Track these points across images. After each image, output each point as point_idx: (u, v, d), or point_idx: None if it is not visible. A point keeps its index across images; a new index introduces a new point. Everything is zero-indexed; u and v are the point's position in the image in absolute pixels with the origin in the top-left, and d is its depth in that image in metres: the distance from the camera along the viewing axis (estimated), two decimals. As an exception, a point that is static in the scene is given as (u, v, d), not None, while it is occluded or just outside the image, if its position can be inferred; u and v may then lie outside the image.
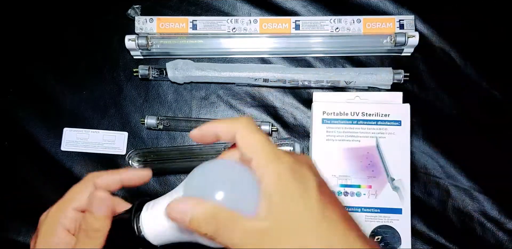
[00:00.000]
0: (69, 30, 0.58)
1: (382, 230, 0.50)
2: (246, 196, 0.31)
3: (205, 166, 0.34)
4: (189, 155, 0.54)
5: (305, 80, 0.55)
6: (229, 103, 0.57)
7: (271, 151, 0.29)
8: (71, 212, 0.35)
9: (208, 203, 0.29)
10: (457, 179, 0.54)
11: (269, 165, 0.28)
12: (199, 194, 0.31)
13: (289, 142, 0.51)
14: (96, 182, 0.36)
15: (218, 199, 0.30)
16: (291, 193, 0.28)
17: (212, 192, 0.30)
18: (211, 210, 0.29)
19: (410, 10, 0.57)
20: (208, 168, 0.34)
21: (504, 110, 0.55)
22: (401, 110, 0.52)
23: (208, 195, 0.30)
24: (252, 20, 0.56)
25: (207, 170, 0.33)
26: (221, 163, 0.35)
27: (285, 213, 0.28)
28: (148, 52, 0.57)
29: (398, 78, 0.54)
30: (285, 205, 0.28)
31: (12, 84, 0.58)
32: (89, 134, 0.56)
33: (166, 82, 0.57)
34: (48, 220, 0.35)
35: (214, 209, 0.29)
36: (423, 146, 0.55)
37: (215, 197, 0.30)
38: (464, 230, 0.53)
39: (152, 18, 0.56)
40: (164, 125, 0.55)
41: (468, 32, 0.57)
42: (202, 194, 0.31)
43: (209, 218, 0.28)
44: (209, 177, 0.33)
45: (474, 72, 0.56)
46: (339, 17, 0.56)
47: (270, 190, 0.28)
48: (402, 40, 0.54)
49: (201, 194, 0.31)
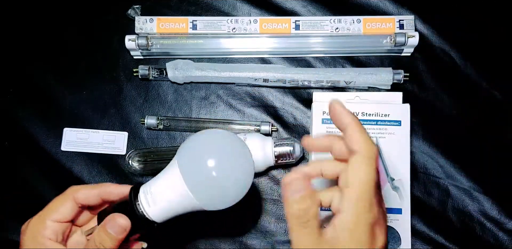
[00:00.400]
0: (69, 30, 0.58)
1: (382, 230, 0.50)
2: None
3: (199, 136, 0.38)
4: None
5: (305, 80, 0.55)
6: (229, 103, 0.57)
7: (370, 192, 0.30)
8: (51, 223, 0.37)
9: (317, 203, 0.32)
10: (457, 179, 0.54)
11: (357, 206, 0.30)
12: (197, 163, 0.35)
13: (289, 142, 0.51)
14: (75, 196, 0.38)
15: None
16: (360, 239, 0.30)
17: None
18: (315, 207, 0.32)
19: (410, 10, 0.57)
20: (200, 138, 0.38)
21: (504, 110, 0.55)
22: (401, 110, 0.52)
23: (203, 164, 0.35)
24: (252, 20, 0.56)
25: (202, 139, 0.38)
26: (213, 132, 0.39)
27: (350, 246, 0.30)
28: (148, 52, 0.57)
29: (398, 78, 0.54)
30: (351, 242, 0.30)
31: (12, 84, 0.58)
32: (89, 134, 0.56)
33: (166, 82, 0.57)
34: (29, 231, 0.37)
35: (318, 209, 0.32)
36: (423, 146, 0.55)
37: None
38: (464, 230, 0.53)
39: (152, 18, 0.56)
40: (164, 125, 0.55)
41: (468, 32, 0.57)
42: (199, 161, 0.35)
43: (306, 209, 0.32)
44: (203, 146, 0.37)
45: (474, 72, 0.56)
46: (339, 17, 0.56)
47: (344, 228, 0.30)
48: (402, 40, 0.54)
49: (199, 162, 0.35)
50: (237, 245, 0.53)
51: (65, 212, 0.37)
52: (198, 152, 0.37)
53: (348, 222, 0.30)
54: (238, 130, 0.55)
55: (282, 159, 0.51)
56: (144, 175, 0.55)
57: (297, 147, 0.51)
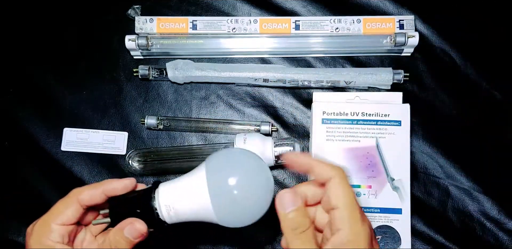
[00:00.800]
0: (69, 30, 0.58)
1: (382, 230, 0.50)
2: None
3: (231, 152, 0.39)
4: (189, 155, 0.54)
5: (305, 80, 0.55)
6: (229, 103, 0.57)
7: (357, 209, 0.33)
8: (56, 227, 0.37)
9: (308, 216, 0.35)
10: (457, 179, 0.54)
11: (352, 221, 0.33)
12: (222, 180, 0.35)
13: (289, 142, 0.51)
14: (79, 198, 0.38)
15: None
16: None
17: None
18: (308, 220, 0.34)
19: (410, 10, 0.57)
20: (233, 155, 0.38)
21: (504, 110, 0.55)
22: (401, 110, 0.52)
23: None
24: (252, 20, 0.56)
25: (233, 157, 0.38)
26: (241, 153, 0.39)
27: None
28: (148, 52, 0.57)
29: (398, 78, 0.54)
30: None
31: (12, 84, 0.58)
32: (89, 134, 0.56)
33: (166, 82, 0.57)
34: (34, 234, 0.37)
35: (309, 221, 0.34)
36: (423, 146, 0.55)
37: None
38: (464, 230, 0.53)
39: (152, 18, 0.56)
40: (164, 125, 0.55)
41: (468, 32, 0.57)
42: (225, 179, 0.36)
43: (300, 223, 0.34)
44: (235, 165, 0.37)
45: (474, 72, 0.56)
46: (339, 17, 0.56)
47: (344, 243, 0.32)
48: (402, 40, 0.54)
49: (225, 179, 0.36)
50: (237, 245, 0.53)
51: (70, 214, 0.38)
52: (227, 170, 0.37)
53: (349, 239, 0.32)
54: (238, 130, 0.55)
55: (282, 159, 0.51)
56: (144, 175, 0.55)
57: (297, 147, 0.51)
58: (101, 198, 0.38)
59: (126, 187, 0.39)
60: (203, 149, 0.54)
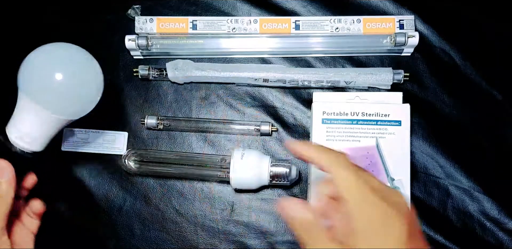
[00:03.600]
0: (69, 30, 0.58)
1: (382, 230, 0.50)
2: None
3: None
4: (185, 161, 0.54)
5: (305, 80, 0.55)
6: (229, 103, 0.57)
7: (366, 197, 0.31)
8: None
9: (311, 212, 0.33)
10: (457, 179, 0.54)
11: (362, 208, 0.31)
12: None
13: (286, 164, 0.51)
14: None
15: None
16: (376, 239, 0.30)
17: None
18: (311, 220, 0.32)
19: (410, 10, 0.57)
20: None
21: (504, 110, 0.55)
22: (401, 110, 0.52)
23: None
24: (252, 20, 0.56)
25: None
26: None
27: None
28: (148, 52, 0.57)
29: (398, 78, 0.54)
30: (367, 245, 0.30)
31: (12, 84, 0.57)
32: (89, 134, 0.56)
33: (166, 82, 0.57)
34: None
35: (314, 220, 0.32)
36: (423, 146, 0.55)
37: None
38: (464, 230, 0.53)
39: (152, 18, 0.56)
40: (164, 125, 0.55)
41: (468, 32, 0.57)
42: None
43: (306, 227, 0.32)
44: None
45: (474, 72, 0.56)
46: (339, 17, 0.56)
47: (359, 230, 0.30)
48: (402, 40, 0.54)
49: None
50: (237, 245, 0.53)
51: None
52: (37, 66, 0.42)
53: (371, 235, 0.30)
54: (238, 130, 0.55)
55: (276, 179, 0.51)
56: (140, 176, 0.55)
57: (294, 170, 0.51)
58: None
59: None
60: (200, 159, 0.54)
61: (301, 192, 0.54)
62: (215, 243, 0.53)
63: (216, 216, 0.54)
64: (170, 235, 0.54)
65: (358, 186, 0.31)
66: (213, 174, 0.53)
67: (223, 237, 0.54)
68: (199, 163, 0.54)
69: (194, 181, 0.55)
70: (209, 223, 0.54)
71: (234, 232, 0.54)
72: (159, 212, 0.54)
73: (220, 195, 0.55)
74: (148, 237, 0.54)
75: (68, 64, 0.43)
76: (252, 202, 0.54)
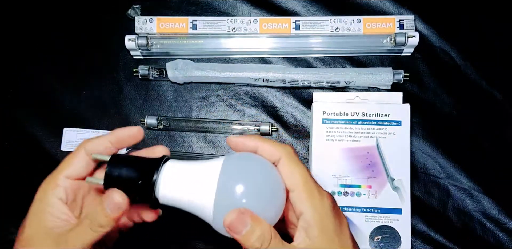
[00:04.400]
0: (69, 30, 0.58)
1: (382, 230, 0.50)
2: (277, 208, 0.33)
3: (247, 169, 0.34)
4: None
5: (305, 80, 0.55)
6: (229, 103, 0.57)
7: (313, 186, 0.32)
8: (62, 180, 0.35)
9: (265, 224, 0.31)
10: (457, 179, 0.54)
11: (312, 201, 0.31)
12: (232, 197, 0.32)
13: None
14: (86, 148, 0.35)
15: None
16: (329, 229, 0.31)
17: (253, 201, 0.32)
18: (267, 231, 0.31)
19: (410, 10, 0.57)
20: (249, 174, 0.34)
21: (504, 110, 0.55)
22: (401, 110, 0.52)
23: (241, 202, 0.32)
24: (252, 20, 0.56)
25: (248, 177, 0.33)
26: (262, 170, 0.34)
27: (323, 246, 0.31)
28: (148, 52, 0.57)
29: (398, 78, 0.54)
30: (323, 239, 0.31)
31: (12, 84, 0.58)
32: (89, 134, 0.56)
33: (166, 82, 0.57)
34: (40, 189, 0.35)
35: (270, 230, 0.31)
36: (423, 146, 0.55)
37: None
38: (464, 230, 0.53)
39: (152, 18, 0.56)
40: (164, 125, 0.55)
41: (468, 32, 0.57)
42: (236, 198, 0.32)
43: (261, 239, 0.31)
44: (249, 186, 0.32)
45: (474, 72, 0.56)
46: (339, 17, 0.56)
47: (311, 224, 0.31)
48: (402, 40, 0.54)
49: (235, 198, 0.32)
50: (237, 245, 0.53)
51: (77, 166, 0.35)
52: (245, 179, 0.33)
53: (315, 222, 0.31)
54: (238, 130, 0.55)
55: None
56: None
57: None
58: (106, 149, 0.35)
59: (133, 135, 0.35)
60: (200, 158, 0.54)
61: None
62: (215, 243, 0.53)
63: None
64: (170, 235, 0.54)
65: (307, 178, 0.32)
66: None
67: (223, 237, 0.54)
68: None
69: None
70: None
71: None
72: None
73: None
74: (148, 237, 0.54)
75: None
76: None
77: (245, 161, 0.35)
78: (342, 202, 0.50)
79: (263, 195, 0.33)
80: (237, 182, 0.32)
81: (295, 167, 0.32)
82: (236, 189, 0.32)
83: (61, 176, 0.35)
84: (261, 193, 0.33)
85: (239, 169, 0.34)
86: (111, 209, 0.32)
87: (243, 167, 0.34)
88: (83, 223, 0.33)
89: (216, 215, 0.33)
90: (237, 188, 0.32)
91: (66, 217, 0.34)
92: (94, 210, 0.33)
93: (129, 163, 0.34)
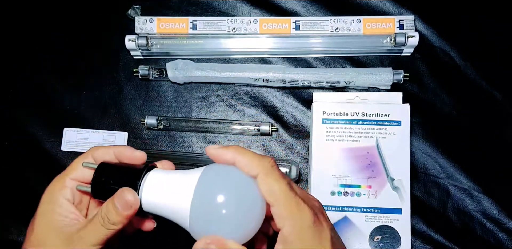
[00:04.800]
0: (69, 30, 0.58)
1: (382, 230, 0.50)
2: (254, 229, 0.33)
3: (226, 187, 0.34)
4: (186, 162, 0.54)
5: (305, 80, 0.55)
6: (229, 103, 0.57)
7: (292, 201, 0.31)
8: (69, 181, 0.36)
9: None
10: (457, 179, 0.54)
11: (291, 217, 0.31)
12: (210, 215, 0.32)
13: (286, 164, 0.51)
14: (94, 155, 0.37)
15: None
16: (307, 244, 0.31)
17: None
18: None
19: (410, 10, 0.57)
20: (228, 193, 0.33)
21: (504, 110, 0.55)
22: (401, 110, 0.52)
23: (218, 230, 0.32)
24: (252, 20, 0.56)
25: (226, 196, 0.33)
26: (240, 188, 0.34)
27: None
28: (148, 52, 0.57)
29: (398, 78, 0.54)
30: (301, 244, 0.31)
31: (12, 84, 0.58)
32: (89, 134, 0.56)
33: (166, 82, 0.57)
34: (48, 188, 0.36)
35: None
36: (423, 146, 0.55)
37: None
38: (464, 230, 0.53)
39: (152, 18, 0.56)
40: (164, 125, 0.55)
41: (468, 32, 0.57)
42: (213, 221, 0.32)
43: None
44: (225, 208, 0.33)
45: (474, 72, 0.56)
46: (339, 17, 0.56)
47: (289, 240, 0.31)
48: (402, 40, 0.54)
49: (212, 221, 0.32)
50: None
51: (84, 169, 0.36)
52: (223, 189, 0.34)
53: (295, 238, 0.31)
54: (238, 130, 0.55)
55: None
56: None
57: (294, 170, 0.51)
58: (111, 159, 0.37)
59: (134, 157, 0.37)
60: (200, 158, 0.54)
61: (301, 192, 0.55)
62: None
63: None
64: (170, 235, 0.54)
65: (286, 193, 0.32)
66: (213, 174, 0.53)
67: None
68: (199, 163, 0.54)
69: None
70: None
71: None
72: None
73: (220, 195, 0.55)
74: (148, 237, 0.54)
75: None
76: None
77: (220, 176, 0.35)
78: (342, 202, 0.50)
79: (237, 207, 0.33)
80: (211, 193, 0.33)
81: (274, 182, 0.32)
82: (210, 200, 0.33)
83: (68, 178, 0.36)
84: (235, 205, 0.33)
85: (214, 181, 0.34)
86: (122, 207, 0.33)
87: (218, 180, 0.34)
88: (94, 221, 0.34)
89: (193, 225, 0.33)
90: (210, 199, 0.33)
91: (74, 216, 0.35)
92: (105, 208, 0.34)
93: (115, 171, 0.36)
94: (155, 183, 0.35)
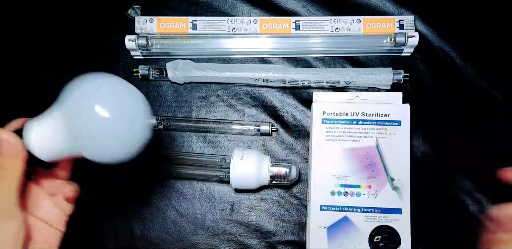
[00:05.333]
0: (69, 30, 0.58)
1: (382, 230, 0.50)
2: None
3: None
4: (185, 162, 0.54)
5: (305, 80, 0.55)
6: (229, 103, 0.57)
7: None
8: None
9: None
10: (457, 179, 0.54)
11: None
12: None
13: (286, 164, 0.51)
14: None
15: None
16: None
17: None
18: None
19: (410, 10, 0.57)
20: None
21: (504, 110, 0.55)
22: (401, 110, 0.52)
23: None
24: (252, 20, 0.56)
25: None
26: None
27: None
28: (148, 52, 0.57)
29: (398, 78, 0.54)
30: None
31: (12, 84, 0.58)
32: (89, 134, 0.56)
33: (166, 82, 0.57)
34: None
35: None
36: (423, 146, 0.54)
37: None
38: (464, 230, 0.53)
39: (152, 18, 0.57)
40: (164, 125, 0.56)
41: (468, 32, 0.57)
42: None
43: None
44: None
45: (474, 72, 0.56)
46: (339, 17, 0.56)
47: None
48: (402, 40, 0.54)
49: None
50: (237, 245, 0.53)
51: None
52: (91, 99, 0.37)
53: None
54: (238, 130, 0.55)
55: (276, 179, 0.51)
56: (144, 175, 0.55)
57: (294, 170, 0.51)
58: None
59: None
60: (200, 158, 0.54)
61: (300, 192, 0.55)
62: (215, 243, 0.53)
63: (216, 216, 0.54)
64: (170, 235, 0.54)
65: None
66: (213, 174, 0.53)
67: (223, 237, 0.54)
68: (199, 163, 0.54)
69: (194, 181, 0.55)
70: (209, 223, 0.54)
71: (234, 232, 0.54)
72: (159, 212, 0.54)
73: (220, 195, 0.55)
74: (148, 237, 0.54)
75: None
76: (252, 202, 0.54)
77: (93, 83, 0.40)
78: (342, 202, 0.50)
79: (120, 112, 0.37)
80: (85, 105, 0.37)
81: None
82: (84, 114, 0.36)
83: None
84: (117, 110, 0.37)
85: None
86: (5, 149, 0.36)
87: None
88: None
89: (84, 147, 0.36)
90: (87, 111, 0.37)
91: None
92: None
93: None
94: (38, 134, 0.39)
